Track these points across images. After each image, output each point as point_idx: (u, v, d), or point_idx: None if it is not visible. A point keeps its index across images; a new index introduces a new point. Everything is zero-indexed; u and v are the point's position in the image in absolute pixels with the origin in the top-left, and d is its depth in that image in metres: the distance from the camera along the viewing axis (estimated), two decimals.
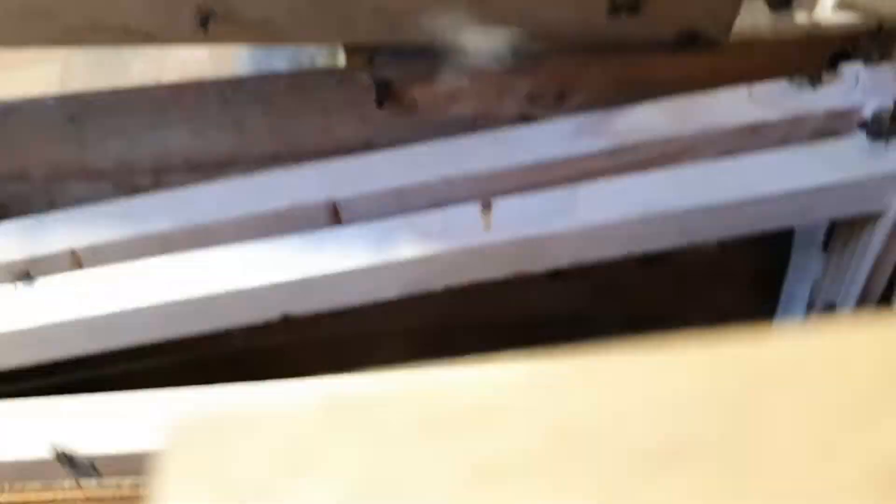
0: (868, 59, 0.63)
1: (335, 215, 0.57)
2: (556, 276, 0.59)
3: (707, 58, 0.62)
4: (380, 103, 0.63)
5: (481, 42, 0.53)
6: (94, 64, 1.13)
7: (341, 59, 1.05)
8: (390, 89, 0.63)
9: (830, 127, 0.57)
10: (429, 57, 0.59)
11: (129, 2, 0.53)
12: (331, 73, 0.63)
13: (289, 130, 0.66)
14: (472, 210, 0.55)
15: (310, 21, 0.55)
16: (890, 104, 0.55)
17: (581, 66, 0.62)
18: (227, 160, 0.67)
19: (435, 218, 0.56)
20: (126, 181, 0.68)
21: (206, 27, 0.53)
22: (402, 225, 0.56)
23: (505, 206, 0.55)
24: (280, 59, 0.98)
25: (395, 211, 0.57)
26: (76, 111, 0.64)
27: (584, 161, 0.57)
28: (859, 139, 0.55)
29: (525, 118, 0.65)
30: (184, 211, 0.56)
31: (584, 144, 0.57)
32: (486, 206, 0.55)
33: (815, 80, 0.58)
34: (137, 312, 0.55)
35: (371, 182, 0.57)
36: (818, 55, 0.63)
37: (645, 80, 0.63)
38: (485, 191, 0.57)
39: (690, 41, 0.57)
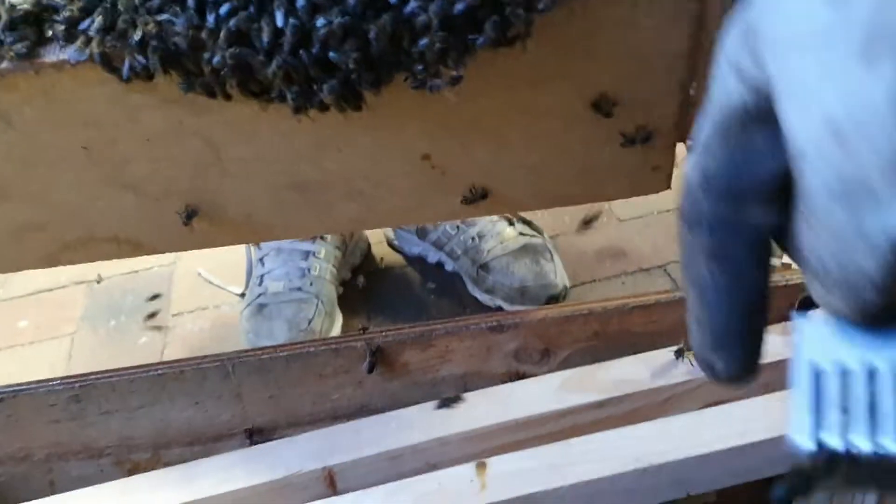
0: None
1: (331, 482, 0.57)
2: None
3: (681, 309, 0.65)
4: (370, 370, 0.65)
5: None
6: (101, 339, 1.18)
7: (337, 328, 1.10)
8: (382, 355, 0.66)
9: None
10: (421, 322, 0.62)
11: (119, 209, 0.54)
12: (327, 342, 0.66)
13: (287, 399, 0.67)
14: (468, 470, 0.56)
15: (292, 215, 0.55)
16: None
17: (563, 324, 0.65)
18: (226, 432, 0.68)
19: (431, 481, 0.56)
20: (126, 457, 0.69)
21: (190, 224, 0.54)
22: (398, 489, 0.55)
23: (499, 465, 0.56)
24: (281, 329, 1.03)
25: (390, 474, 0.57)
26: (80, 391, 0.66)
27: (572, 414, 0.59)
28: None
29: (512, 376, 0.68)
30: (182, 487, 0.57)
31: (571, 398, 0.59)
32: (481, 466, 0.56)
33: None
34: None
35: (365, 447, 0.57)
36: (785, 303, 0.66)
37: (623, 332, 0.66)
38: (477, 448, 0.58)
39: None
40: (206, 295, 1.22)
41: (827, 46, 0.23)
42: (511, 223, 1.16)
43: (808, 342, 0.29)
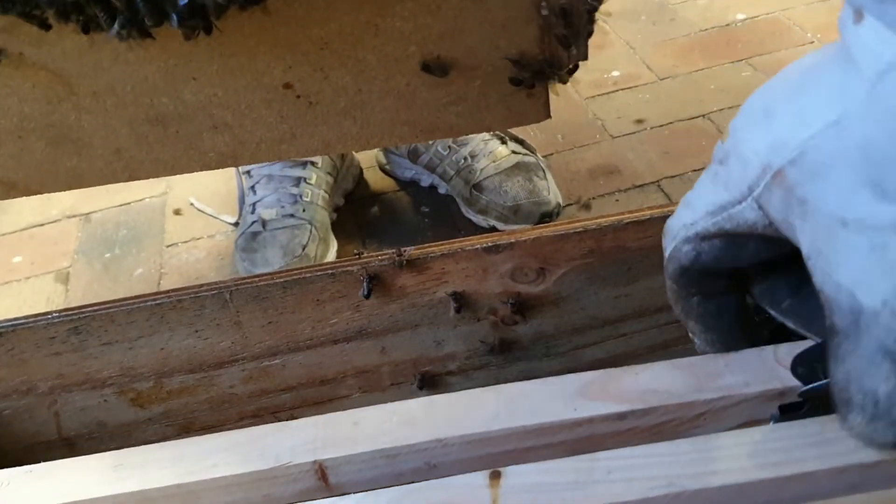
0: None
1: (322, 476, 0.53)
2: None
3: None
4: (367, 295, 0.65)
5: None
6: (97, 272, 1.18)
7: (332, 254, 1.10)
8: (379, 279, 0.66)
9: None
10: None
11: None
12: (323, 267, 0.66)
13: (286, 324, 0.68)
14: (480, 480, 0.49)
15: (159, 150, 0.54)
16: None
17: (558, 242, 0.66)
18: (227, 359, 0.69)
19: (439, 489, 0.50)
20: (128, 386, 0.70)
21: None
22: (403, 496, 0.50)
23: (514, 477, 0.49)
24: (275, 256, 1.03)
25: (386, 472, 0.53)
26: (79, 323, 0.66)
27: (590, 424, 0.52)
28: None
29: (510, 295, 0.68)
30: (168, 468, 0.53)
31: (590, 406, 0.52)
32: (495, 476, 0.49)
33: None
34: None
35: (361, 443, 0.52)
36: None
37: (618, 249, 0.66)
38: (482, 452, 0.53)
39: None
40: (200, 225, 1.22)
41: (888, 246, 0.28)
42: (503, 142, 1.15)
43: None
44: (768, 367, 0.52)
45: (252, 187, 1.12)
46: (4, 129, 0.52)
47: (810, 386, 0.49)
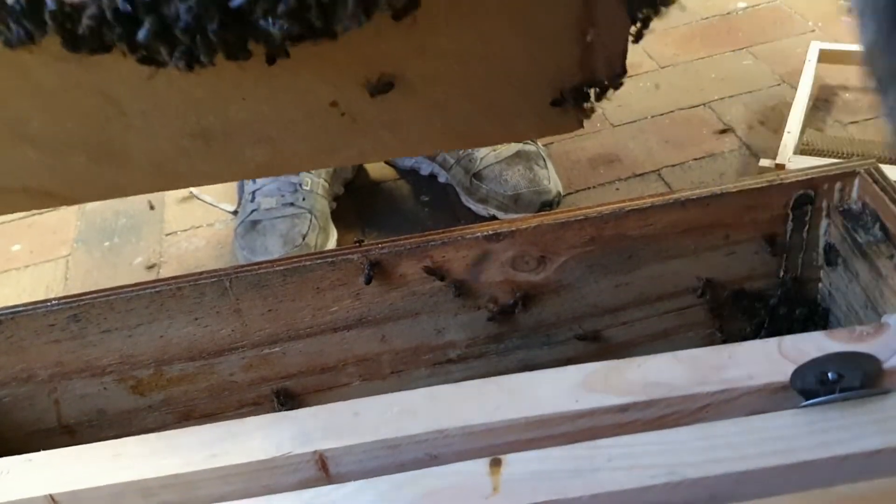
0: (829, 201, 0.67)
1: (323, 466, 0.53)
2: None
3: (676, 212, 0.65)
4: (368, 282, 0.65)
5: None
6: (96, 261, 1.17)
7: (332, 243, 1.10)
8: (379, 267, 0.66)
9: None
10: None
11: (23, 163, 0.54)
12: (324, 255, 0.66)
13: (285, 312, 0.68)
14: (480, 467, 0.49)
15: (199, 162, 0.55)
16: None
17: (558, 230, 0.65)
18: (227, 346, 0.69)
19: (439, 476, 0.49)
20: (128, 374, 0.70)
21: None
22: (402, 483, 0.50)
23: (515, 465, 0.49)
24: (275, 244, 1.03)
25: (386, 463, 0.53)
26: (79, 310, 0.66)
27: (591, 416, 0.52)
28: None
29: (510, 284, 0.68)
30: (167, 458, 0.53)
31: (591, 398, 0.51)
32: (495, 464, 0.49)
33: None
34: None
35: (362, 433, 0.52)
36: (782, 200, 0.67)
37: (618, 237, 0.66)
38: (483, 444, 0.53)
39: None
40: (199, 214, 1.22)
41: None
42: None
43: None
44: (772, 360, 0.51)
45: None
46: (47, 145, 0.53)
47: (811, 402, 0.49)
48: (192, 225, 1.20)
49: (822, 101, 1.21)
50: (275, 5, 0.42)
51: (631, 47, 0.53)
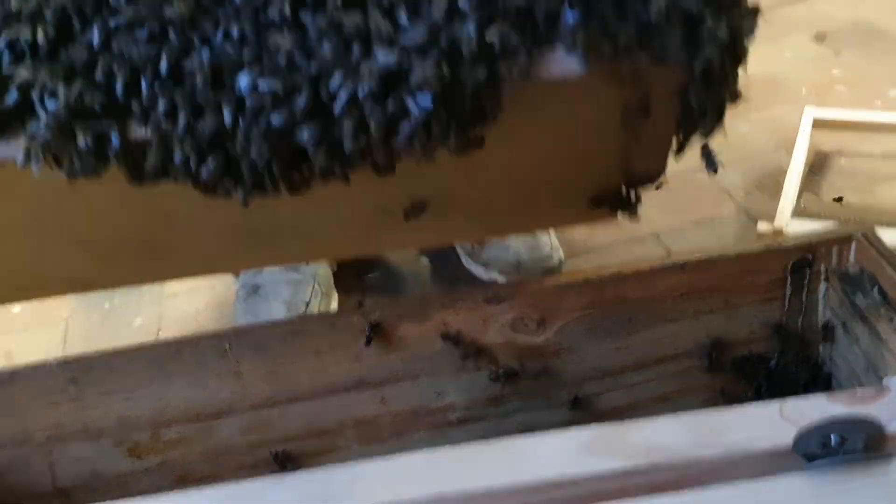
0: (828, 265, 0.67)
1: None
2: None
3: (675, 276, 0.66)
4: (368, 343, 0.65)
5: None
6: (96, 322, 1.17)
7: (334, 308, 1.10)
8: (380, 329, 0.66)
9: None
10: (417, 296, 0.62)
11: (71, 261, 0.55)
12: (324, 318, 0.66)
13: (285, 375, 0.68)
14: None
15: (241, 253, 0.57)
16: None
17: (559, 294, 0.66)
18: (225, 408, 0.68)
19: None
20: (126, 437, 0.69)
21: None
22: None
23: None
24: (278, 311, 1.03)
25: None
26: (77, 373, 0.66)
27: (593, 481, 0.51)
28: None
29: (510, 346, 0.68)
30: None
31: (593, 462, 0.51)
32: None
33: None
34: None
35: (359, 497, 0.52)
36: (781, 265, 0.67)
37: (618, 300, 0.66)
38: None
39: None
40: None
41: None
42: None
43: None
44: (774, 423, 0.51)
45: None
46: (95, 248, 0.55)
47: (814, 465, 0.49)
48: (193, 286, 1.21)
49: (817, 167, 1.22)
50: (339, 149, 0.43)
51: None
